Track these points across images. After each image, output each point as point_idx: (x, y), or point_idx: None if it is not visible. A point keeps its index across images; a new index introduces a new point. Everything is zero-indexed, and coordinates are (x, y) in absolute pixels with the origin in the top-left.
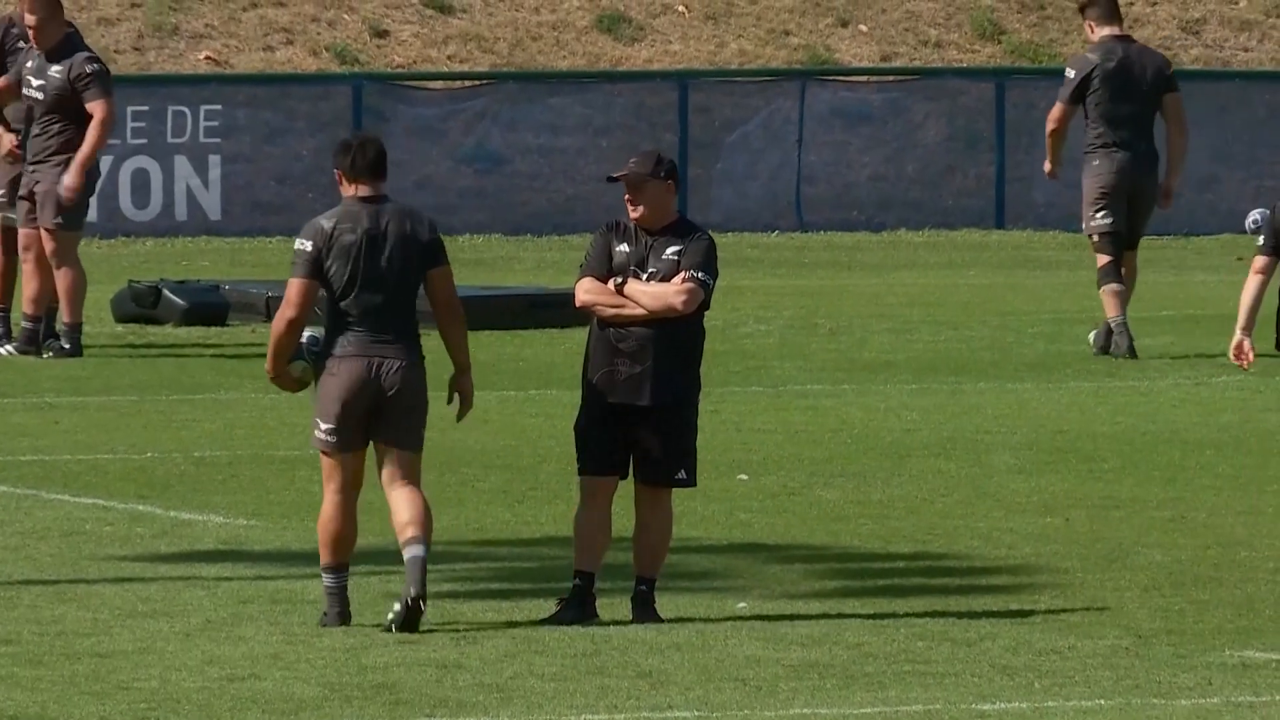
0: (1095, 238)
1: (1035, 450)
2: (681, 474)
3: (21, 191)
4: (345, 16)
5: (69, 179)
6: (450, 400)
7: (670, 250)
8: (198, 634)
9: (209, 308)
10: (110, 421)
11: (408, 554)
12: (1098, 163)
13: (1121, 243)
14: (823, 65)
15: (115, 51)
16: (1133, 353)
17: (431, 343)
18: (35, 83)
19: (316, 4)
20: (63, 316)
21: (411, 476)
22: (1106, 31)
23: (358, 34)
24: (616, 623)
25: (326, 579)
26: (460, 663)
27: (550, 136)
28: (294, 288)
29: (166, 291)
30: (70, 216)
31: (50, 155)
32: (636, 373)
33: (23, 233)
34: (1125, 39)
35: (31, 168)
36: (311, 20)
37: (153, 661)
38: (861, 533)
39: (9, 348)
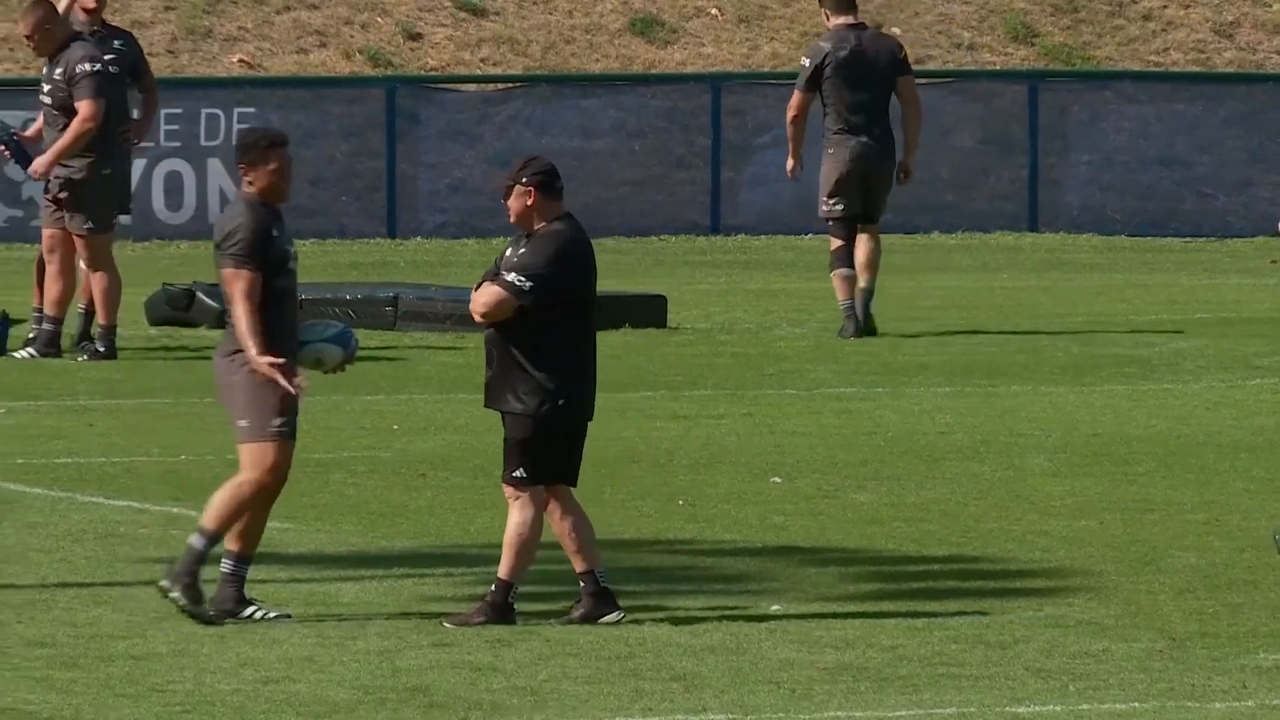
0: (830, 222)
1: (1069, 453)
2: (518, 472)
3: (46, 194)
4: (378, 19)
5: (37, 163)
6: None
7: (521, 251)
8: (232, 637)
9: None
10: (145, 424)
11: None
12: (833, 150)
13: (854, 227)
14: None
15: (149, 54)
16: (858, 334)
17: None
18: (45, 88)
19: (350, 7)
20: (98, 319)
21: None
22: (840, 20)
23: (391, 37)
24: (651, 625)
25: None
26: (494, 665)
27: (583, 139)
28: None
29: (200, 294)
30: (99, 220)
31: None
32: (488, 377)
33: (46, 234)
34: (858, 27)
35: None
36: (345, 23)
37: (187, 664)
38: (896, 536)
39: (29, 350)
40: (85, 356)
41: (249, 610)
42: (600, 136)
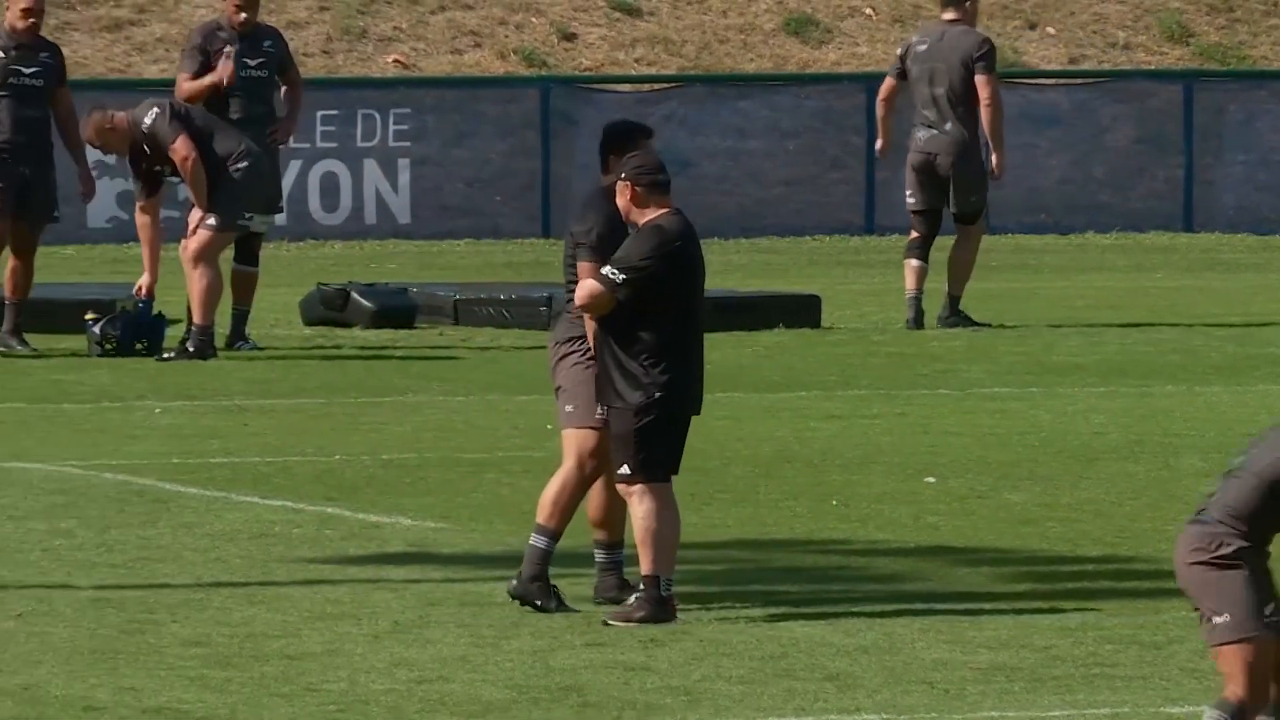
0: (911, 215)
1: (1224, 453)
2: (624, 469)
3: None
4: (533, 19)
5: (194, 219)
6: None
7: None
8: (386, 636)
9: (397, 310)
10: (299, 424)
11: None
12: (909, 143)
13: (931, 221)
14: (1010, 68)
15: (304, 55)
16: (917, 325)
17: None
18: (158, 169)
19: (504, 7)
20: (194, 319)
21: (565, 456)
22: (942, 15)
23: (545, 37)
24: (804, 625)
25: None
26: (648, 665)
27: (737, 139)
28: None
29: (355, 294)
30: (222, 216)
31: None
32: (595, 373)
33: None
34: (952, 23)
35: None
36: (499, 23)
37: (341, 664)
38: (1049, 536)
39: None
40: (171, 354)
41: (633, 597)
42: (754, 137)
